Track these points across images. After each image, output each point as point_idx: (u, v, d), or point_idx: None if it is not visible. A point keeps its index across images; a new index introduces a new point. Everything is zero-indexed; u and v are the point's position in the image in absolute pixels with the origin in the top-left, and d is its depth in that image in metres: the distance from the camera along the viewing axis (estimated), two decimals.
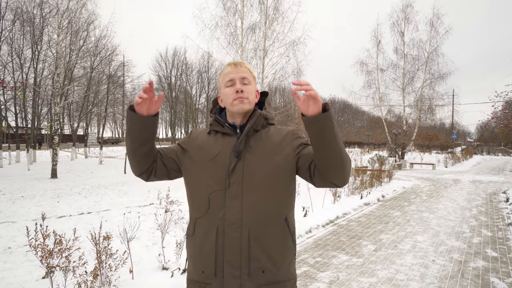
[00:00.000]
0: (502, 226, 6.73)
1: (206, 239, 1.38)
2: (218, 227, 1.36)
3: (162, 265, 4.10)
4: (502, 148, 50.86)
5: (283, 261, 1.39)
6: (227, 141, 1.43)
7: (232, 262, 1.34)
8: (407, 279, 4.06)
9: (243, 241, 1.33)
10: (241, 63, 1.47)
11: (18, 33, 20.84)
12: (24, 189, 11.04)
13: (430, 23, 24.30)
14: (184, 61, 42.73)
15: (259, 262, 1.34)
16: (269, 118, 1.50)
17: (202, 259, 1.39)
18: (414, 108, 25.57)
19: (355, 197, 9.64)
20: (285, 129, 1.49)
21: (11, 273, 4.06)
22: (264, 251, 1.34)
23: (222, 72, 1.49)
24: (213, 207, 1.38)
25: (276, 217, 1.38)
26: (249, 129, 1.41)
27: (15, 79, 21.26)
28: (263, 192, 1.36)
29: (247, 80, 1.45)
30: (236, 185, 1.36)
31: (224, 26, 17.05)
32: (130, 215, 7.17)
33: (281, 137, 1.44)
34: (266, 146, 1.41)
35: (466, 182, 14.31)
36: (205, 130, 1.55)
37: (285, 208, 1.41)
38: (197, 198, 1.44)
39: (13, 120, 21.84)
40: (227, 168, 1.38)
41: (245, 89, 1.43)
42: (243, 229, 1.34)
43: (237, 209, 1.35)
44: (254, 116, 1.43)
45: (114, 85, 26.34)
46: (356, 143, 59.07)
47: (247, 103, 1.43)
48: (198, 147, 1.48)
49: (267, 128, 1.48)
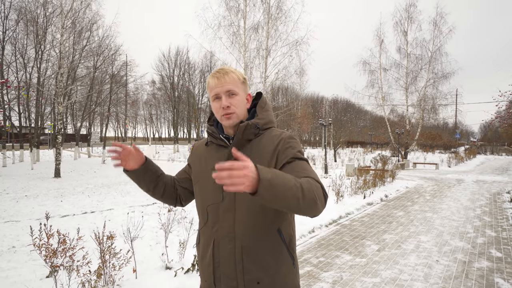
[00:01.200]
0: (506, 226, 6.69)
1: (206, 251, 1.44)
2: (215, 240, 1.40)
3: (166, 265, 4.10)
4: (506, 148, 50.58)
5: (278, 272, 1.37)
6: (221, 154, 1.45)
7: (228, 274, 1.36)
8: (411, 279, 4.04)
9: (236, 253, 1.35)
10: (225, 72, 1.41)
11: (22, 33, 20.94)
12: (28, 188, 11.09)
13: (433, 22, 24.21)
14: (187, 60, 42.74)
15: (252, 274, 1.34)
16: (262, 124, 1.45)
17: (204, 269, 1.46)
18: (417, 107, 25.48)
19: (358, 197, 9.62)
20: (278, 136, 1.42)
21: (15, 272, 4.08)
22: (257, 263, 1.34)
23: (208, 85, 1.45)
24: (210, 219, 1.42)
25: (267, 228, 1.36)
26: (237, 142, 1.40)
27: (18, 79, 21.38)
28: (254, 203, 1.34)
29: (234, 91, 1.41)
30: (228, 198, 1.37)
31: (227, 25, 17.07)
32: (133, 214, 7.18)
33: (273, 146, 1.39)
34: (258, 157, 1.37)
35: (470, 182, 14.24)
36: (204, 142, 1.57)
37: (277, 219, 1.38)
38: (199, 210, 1.51)
39: (17, 120, 21.94)
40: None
41: (231, 103, 1.40)
42: (236, 242, 1.35)
43: (229, 222, 1.37)
44: (240, 129, 1.39)
45: (117, 85, 26.40)
46: (359, 143, 58.98)
47: (235, 117, 1.41)
48: (198, 160, 1.54)
49: (260, 136, 1.44)
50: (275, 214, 1.38)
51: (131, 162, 1.47)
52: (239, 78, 1.44)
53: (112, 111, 29.69)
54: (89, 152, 28.62)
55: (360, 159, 27.41)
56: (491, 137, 67.37)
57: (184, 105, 41.26)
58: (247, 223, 1.35)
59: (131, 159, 1.47)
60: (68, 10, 14.78)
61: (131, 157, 1.46)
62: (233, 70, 1.45)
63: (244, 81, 1.47)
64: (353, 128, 64.17)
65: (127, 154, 1.45)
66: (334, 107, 64.09)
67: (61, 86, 14.63)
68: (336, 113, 60.32)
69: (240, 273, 1.35)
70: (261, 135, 1.44)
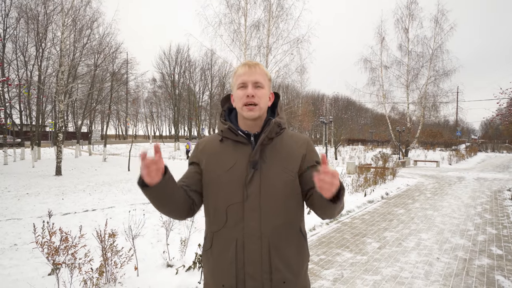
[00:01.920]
0: (507, 224, 6.69)
1: (225, 253, 1.36)
2: (238, 240, 1.34)
3: (167, 262, 4.12)
4: (506, 145, 50.50)
5: (301, 270, 1.40)
6: (242, 151, 1.39)
7: (253, 275, 1.32)
8: (412, 276, 4.05)
9: (263, 253, 1.32)
10: (256, 64, 1.42)
11: (23, 31, 20.94)
12: (29, 186, 11.12)
13: (434, 20, 24.16)
14: (188, 58, 42.67)
15: (280, 273, 1.33)
16: (282, 124, 1.46)
17: (222, 273, 1.36)
18: (418, 105, 25.47)
19: (359, 194, 9.63)
20: (300, 137, 1.48)
21: (17, 270, 4.10)
22: (284, 262, 1.34)
23: (236, 72, 1.43)
24: (231, 220, 1.35)
25: (292, 226, 1.38)
26: (263, 139, 1.38)
27: (19, 77, 21.37)
28: (280, 202, 1.35)
29: (261, 84, 1.40)
30: (253, 196, 1.34)
31: (227, 23, 17.04)
32: (134, 212, 7.20)
33: (296, 146, 1.43)
34: (281, 155, 1.39)
35: (471, 180, 14.24)
36: (216, 138, 1.47)
37: (298, 218, 1.42)
38: (214, 211, 1.40)
39: (18, 118, 21.96)
40: (243, 180, 1.35)
41: (256, 94, 1.38)
42: (262, 241, 1.32)
43: (256, 221, 1.33)
44: (269, 126, 1.39)
45: (117, 83, 26.40)
46: (359, 141, 58.90)
47: (257, 110, 1.38)
48: (212, 157, 1.42)
49: (280, 135, 1.45)
50: (297, 212, 1.40)
51: (154, 172, 1.17)
52: (267, 74, 1.45)
53: (113, 109, 29.69)
54: (90, 150, 28.67)
55: (361, 157, 27.42)
56: (492, 134, 67.27)
57: (184, 103, 41.25)
58: (274, 221, 1.34)
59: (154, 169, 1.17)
60: (69, 7, 14.78)
61: (154, 165, 1.16)
62: (262, 65, 1.46)
63: (270, 79, 1.48)
64: (354, 126, 64.10)
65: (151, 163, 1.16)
66: (335, 105, 63.97)
67: (62, 84, 14.64)
68: (337, 111, 60.18)
69: (266, 273, 1.32)
70: (281, 135, 1.45)
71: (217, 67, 43.84)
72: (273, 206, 1.34)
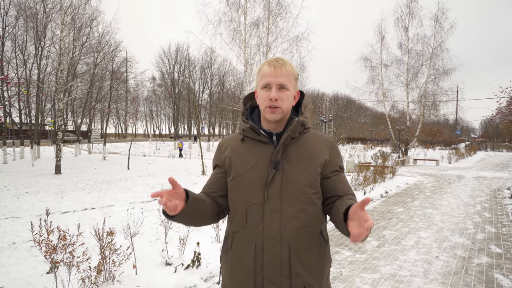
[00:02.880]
0: (506, 222, 6.69)
1: (244, 255, 1.33)
2: (257, 242, 1.30)
3: (166, 261, 4.11)
4: (506, 144, 50.54)
5: (323, 275, 1.35)
6: (263, 151, 1.35)
7: (272, 279, 1.28)
8: (411, 275, 4.05)
9: (283, 257, 1.28)
10: (282, 64, 1.35)
11: (22, 29, 20.89)
12: (29, 184, 11.12)
13: (434, 18, 24.14)
14: (187, 57, 42.62)
15: (300, 278, 1.29)
16: (306, 123, 1.41)
17: (240, 275, 1.34)
18: (418, 104, 25.46)
19: (358, 193, 9.62)
20: (324, 138, 1.43)
21: (16, 268, 4.09)
22: (305, 266, 1.30)
23: (261, 70, 1.38)
24: (251, 221, 1.32)
25: (313, 229, 1.33)
26: (286, 138, 1.33)
27: (18, 75, 21.34)
28: (301, 204, 1.30)
29: (286, 86, 1.34)
30: (275, 197, 1.30)
31: (227, 21, 17.02)
32: (133, 210, 7.19)
33: (320, 146, 1.39)
34: (304, 155, 1.35)
35: (470, 178, 14.24)
36: (237, 137, 1.45)
37: (320, 220, 1.37)
38: (234, 212, 1.38)
39: (17, 116, 21.94)
40: (264, 180, 1.31)
41: (280, 97, 1.32)
42: (283, 244, 1.28)
43: (276, 223, 1.29)
44: (292, 124, 1.34)
45: (117, 81, 26.37)
46: (359, 139, 58.92)
47: (279, 113, 1.34)
48: (234, 157, 1.40)
49: (305, 135, 1.40)
50: (319, 214, 1.35)
51: (176, 201, 1.17)
52: (293, 73, 1.38)
53: (112, 107, 29.69)
54: (89, 149, 28.66)
55: (360, 155, 27.42)
56: (492, 133, 67.31)
57: (184, 102, 41.20)
58: (295, 224, 1.29)
59: (175, 198, 1.17)
60: (68, 6, 14.75)
61: (174, 196, 1.17)
62: (290, 64, 1.39)
63: (297, 78, 1.42)
64: (354, 124, 64.14)
65: (172, 195, 1.16)
66: (335, 103, 64.02)
67: (61, 83, 14.62)
68: (337, 110, 60.25)
69: (286, 278, 1.28)
70: (305, 134, 1.40)
71: (216, 66, 43.80)
72: (295, 208, 1.30)
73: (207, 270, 3.98)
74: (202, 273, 3.90)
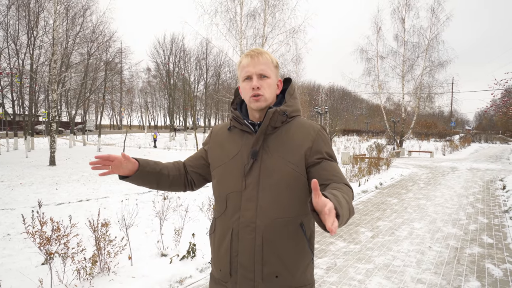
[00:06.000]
0: (498, 213, 6.78)
1: (223, 240, 1.38)
2: (233, 229, 1.34)
3: (161, 252, 4.13)
4: (500, 136, 50.98)
5: (298, 267, 1.35)
6: (247, 140, 1.38)
7: (245, 265, 1.32)
8: (404, 265, 4.10)
9: (256, 245, 1.31)
10: (259, 53, 1.36)
11: (14, 18, 20.51)
12: (23, 176, 11.04)
13: (431, 10, 24.06)
14: (182, 47, 42.25)
15: (272, 267, 1.31)
16: (290, 112, 1.39)
17: (219, 258, 1.40)
18: (413, 96, 25.51)
19: (353, 184, 9.68)
20: (309, 124, 1.40)
21: (10, 260, 4.08)
22: (277, 256, 1.31)
23: (240, 63, 1.39)
24: (230, 208, 1.36)
25: (290, 221, 1.32)
26: (264, 129, 1.34)
27: (11, 66, 21.04)
28: (278, 194, 1.30)
29: (266, 73, 1.35)
30: (251, 187, 1.32)
31: (223, 12, 16.81)
32: (128, 202, 7.19)
33: (303, 135, 1.35)
34: (285, 145, 1.33)
35: (464, 170, 14.37)
36: (226, 126, 1.49)
37: (300, 213, 1.34)
38: (217, 197, 1.44)
39: (10, 107, 21.69)
40: (243, 169, 1.34)
41: (262, 85, 1.34)
42: (257, 232, 1.30)
43: (251, 211, 1.31)
44: (267, 115, 1.33)
45: (111, 72, 26.11)
46: (354, 131, 59.06)
47: (263, 100, 1.35)
48: (220, 145, 1.46)
49: (288, 124, 1.38)
50: (300, 207, 1.33)
51: (124, 169, 1.37)
52: (272, 61, 1.39)
53: (107, 98, 29.43)
54: (84, 140, 28.48)
55: (355, 147, 27.51)
56: (486, 125, 67.80)
57: (179, 93, 40.97)
58: (270, 214, 1.30)
59: (123, 167, 1.36)
60: None
61: (123, 165, 1.36)
62: (267, 52, 1.39)
63: (277, 66, 1.42)
64: (349, 116, 64.24)
65: (118, 164, 1.35)
66: (331, 95, 63.97)
67: (55, 73, 14.44)
68: (332, 101, 60.25)
69: (258, 265, 1.31)
70: (289, 123, 1.38)
71: (212, 57, 43.56)
72: (271, 198, 1.30)
73: (203, 261, 4.00)
74: (197, 264, 3.92)
